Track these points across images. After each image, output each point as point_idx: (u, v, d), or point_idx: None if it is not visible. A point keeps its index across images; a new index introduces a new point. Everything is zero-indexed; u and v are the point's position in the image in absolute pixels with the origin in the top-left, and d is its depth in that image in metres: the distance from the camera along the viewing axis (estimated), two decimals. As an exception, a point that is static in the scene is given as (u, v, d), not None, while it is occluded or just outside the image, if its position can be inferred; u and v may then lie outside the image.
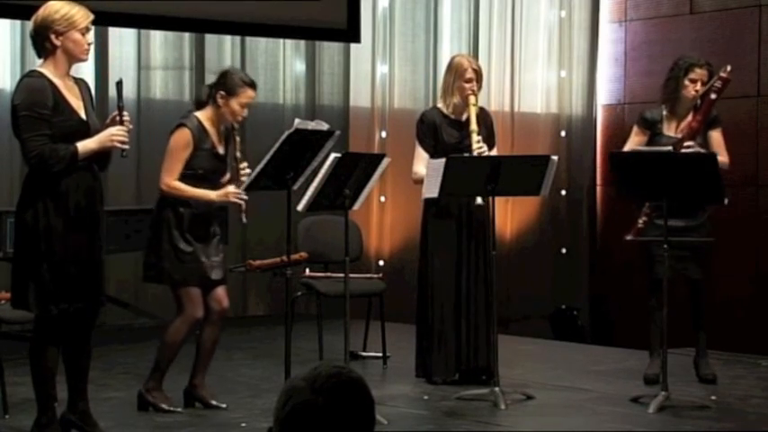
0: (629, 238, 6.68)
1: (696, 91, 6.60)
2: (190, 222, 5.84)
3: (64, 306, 5.10)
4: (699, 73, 6.63)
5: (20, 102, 5.05)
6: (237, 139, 5.96)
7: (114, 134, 5.14)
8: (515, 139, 10.75)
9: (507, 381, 6.42)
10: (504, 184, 6.21)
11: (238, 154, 5.94)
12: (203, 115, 5.89)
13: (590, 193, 11.32)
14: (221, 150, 5.94)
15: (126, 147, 5.20)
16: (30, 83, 5.10)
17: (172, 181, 5.80)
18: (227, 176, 5.99)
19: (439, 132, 6.70)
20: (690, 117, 6.64)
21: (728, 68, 6.61)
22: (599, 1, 11.25)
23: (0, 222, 7.09)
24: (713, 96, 6.56)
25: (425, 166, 6.49)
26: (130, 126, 5.24)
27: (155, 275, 5.89)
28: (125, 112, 5.24)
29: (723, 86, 6.57)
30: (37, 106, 5.02)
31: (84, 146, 5.09)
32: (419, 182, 6.62)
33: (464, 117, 6.72)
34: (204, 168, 5.86)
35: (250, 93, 5.89)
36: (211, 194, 5.87)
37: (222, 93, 5.85)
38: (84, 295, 5.17)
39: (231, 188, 5.88)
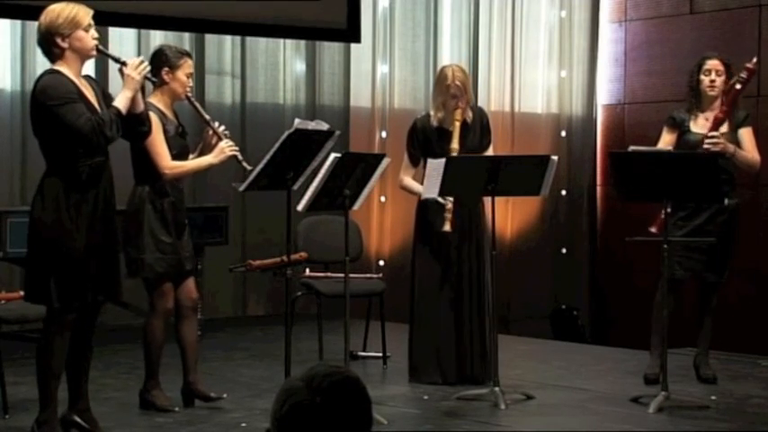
0: (653, 230, 6.67)
1: (712, 82, 6.64)
2: (168, 213, 5.84)
3: (86, 299, 5.17)
4: (711, 64, 6.68)
5: (49, 95, 5.08)
6: (197, 104, 6.03)
7: (135, 74, 5.25)
8: (515, 139, 10.76)
9: (507, 381, 6.43)
10: (505, 184, 6.20)
11: (208, 116, 6.00)
12: (154, 99, 5.91)
13: (590, 193, 11.33)
14: (181, 129, 5.99)
15: (146, 65, 5.36)
16: (50, 78, 5.14)
17: (169, 162, 5.81)
18: (196, 152, 6.05)
19: (429, 141, 6.69)
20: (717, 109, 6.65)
21: (755, 60, 6.65)
22: (599, 1, 11.26)
23: (0, 222, 7.09)
24: (738, 87, 6.59)
25: (411, 177, 6.73)
26: (135, 59, 5.37)
27: (136, 269, 5.85)
28: (122, 58, 5.37)
29: (749, 77, 6.60)
30: (67, 92, 5.09)
31: (120, 100, 5.23)
32: (404, 189, 6.81)
33: (449, 129, 6.69)
34: (177, 149, 5.88)
35: (190, 62, 5.97)
36: (209, 159, 5.92)
37: (166, 69, 5.88)
38: (103, 289, 5.25)
39: (221, 144, 5.90)
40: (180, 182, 5.98)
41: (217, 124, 5.97)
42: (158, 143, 5.78)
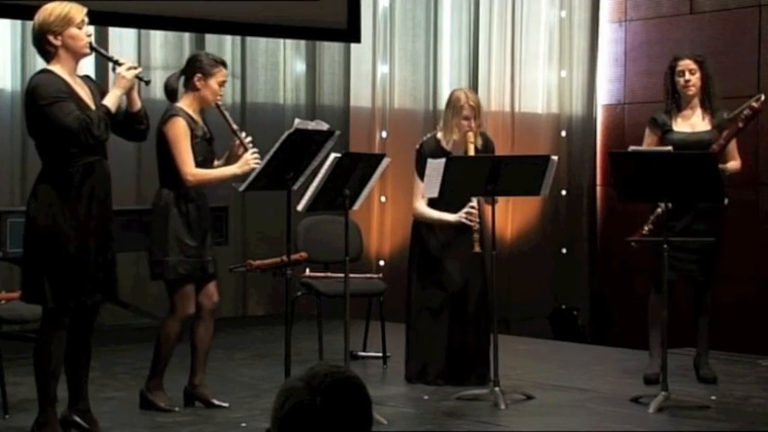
0: (633, 244, 6.71)
1: (687, 81, 6.71)
2: (193, 217, 5.86)
3: (82, 299, 5.16)
4: (682, 64, 6.77)
5: (39, 94, 5.07)
6: (226, 113, 6.02)
7: (126, 72, 5.22)
8: (515, 139, 10.76)
9: (507, 381, 6.43)
10: (505, 184, 6.20)
11: (235, 126, 6.00)
12: (184, 104, 5.93)
13: (590, 193, 11.33)
14: (209, 135, 6.00)
15: (140, 69, 5.29)
16: (40, 78, 5.15)
17: (193, 169, 5.82)
18: (222, 160, 6.06)
19: None
20: (715, 144, 6.64)
21: (761, 98, 6.62)
22: (599, 1, 11.26)
23: (0, 222, 7.09)
24: (740, 125, 6.59)
25: (427, 203, 6.58)
26: (129, 62, 5.31)
27: (161, 272, 5.87)
28: (117, 57, 5.33)
29: (752, 116, 6.59)
30: (56, 91, 5.08)
31: (109, 99, 5.19)
32: (419, 217, 6.73)
33: (461, 152, 6.66)
34: (202, 155, 5.90)
35: (224, 71, 5.99)
36: (233, 169, 5.91)
37: (199, 75, 5.90)
38: (99, 289, 5.23)
39: (246, 155, 5.89)
40: (203, 187, 5.98)
41: (244, 134, 5.97)
42: (183, 150, 5.79)
